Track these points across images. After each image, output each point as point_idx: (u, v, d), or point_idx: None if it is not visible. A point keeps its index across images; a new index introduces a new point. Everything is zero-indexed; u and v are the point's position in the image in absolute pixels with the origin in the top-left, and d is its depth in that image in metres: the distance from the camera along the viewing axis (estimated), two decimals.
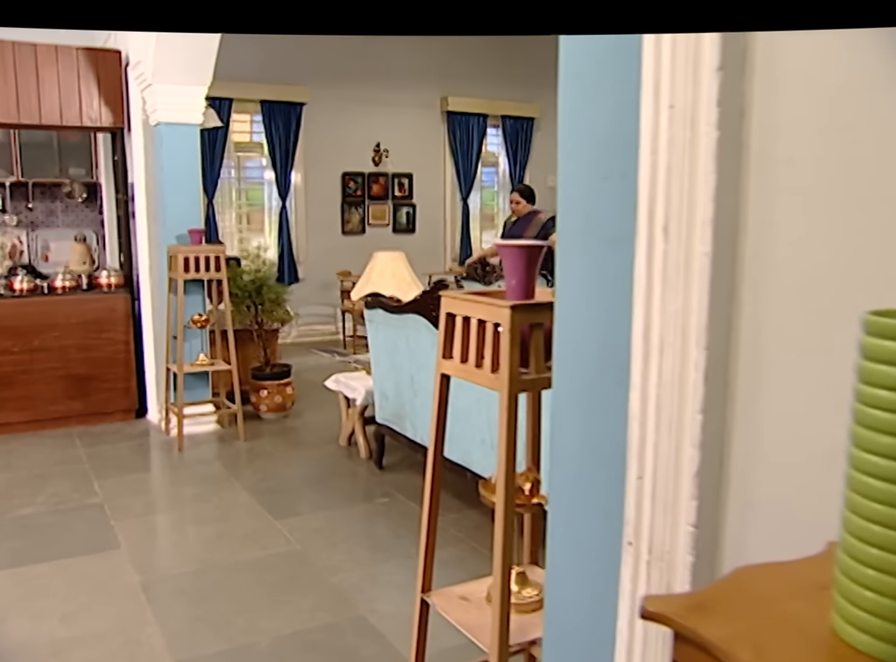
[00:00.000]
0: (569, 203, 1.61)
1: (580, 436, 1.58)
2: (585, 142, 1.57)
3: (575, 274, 1.58)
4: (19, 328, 5.22)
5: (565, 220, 1.61)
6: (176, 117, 4.99)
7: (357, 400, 4.61)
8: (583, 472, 1.57)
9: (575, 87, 1.59)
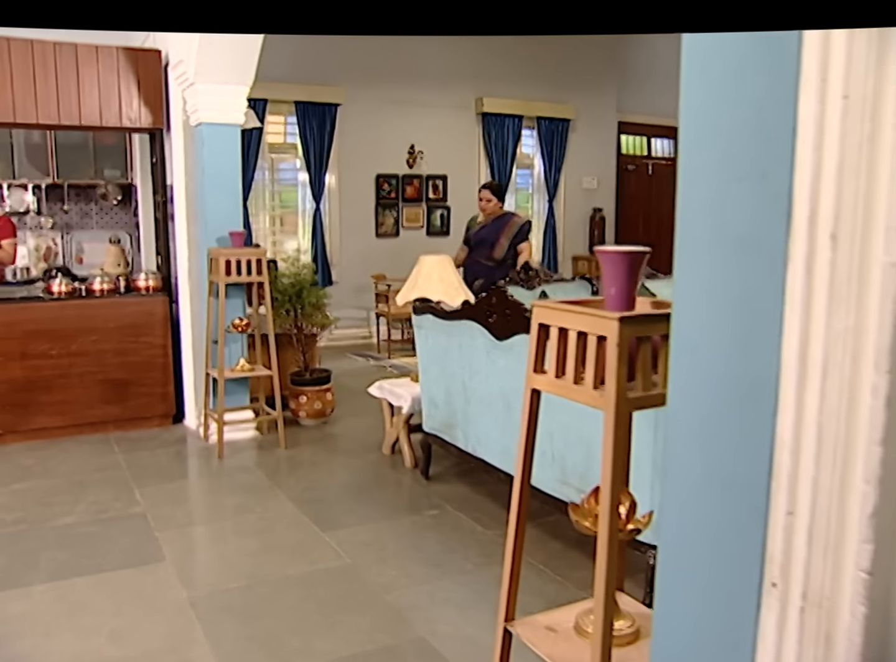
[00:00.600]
0: (692, 205, 1.46)
1: (703, 462, 1.43)
2: (713, 141, 1.42)
3: (699, 283, 1.44)
4: (57, 331, 5.14)
5: (686, 225, 1.46)
6: (218, 117, 4.89)
7: (403, 408, 4.48)
8: (706, 502, 1.42)
9: (701, 81, 1.44)
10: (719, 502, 1.38)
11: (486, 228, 6.03)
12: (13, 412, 5.10)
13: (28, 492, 4.26)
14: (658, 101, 10.38)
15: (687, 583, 1.46)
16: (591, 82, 9.71)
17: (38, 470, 4.63)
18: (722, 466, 1.38)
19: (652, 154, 10.78)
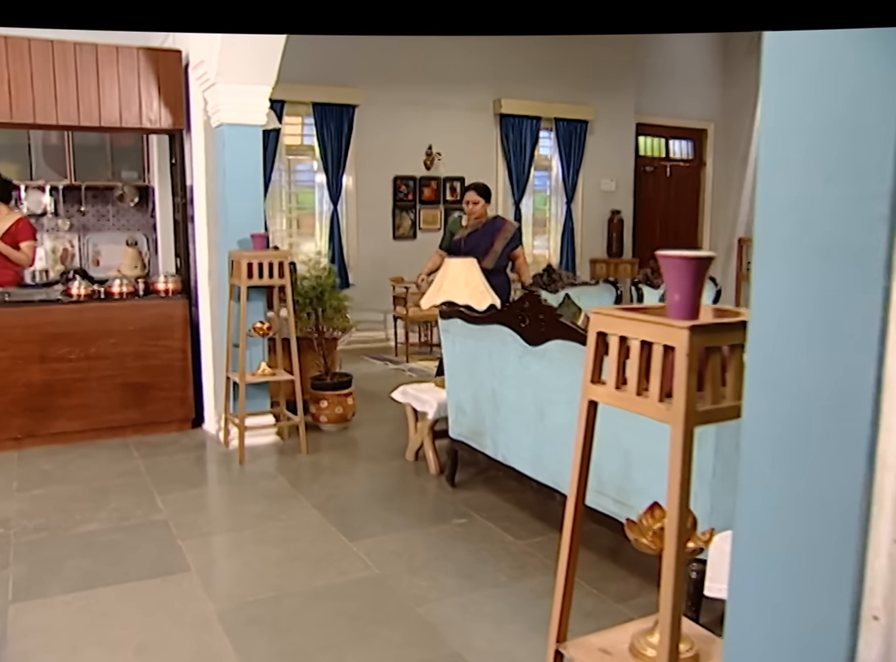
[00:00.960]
0: (773, 208, 1.37)
1: (784, 480, 1.34)
2: (797, 138, 1.33)
3: (780, 290, 1.35)
4: (76, 334, 5.08)
5: (766, 228, 1.37)
6: (239, 118, 4.82)
7: (429, 414, 4.39)
8: (786, 523, 1.33)
9: (785, 76, 1.35)
10: (803, 524, 1.29)
11: (478, 233, 5.46)
12: (32, 416, 5.04)
13: (49, 498, 4.19)
14: (676, 103, 10.30)
15: (765, 612, 1.37)
16: (610, 83, 9.62)
17: (58, 475, 4.57)
18: (806, 486, 1.29)
19: (670, 156, 10.68)
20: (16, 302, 5.03)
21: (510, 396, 3.62)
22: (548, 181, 9.73)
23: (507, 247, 5.46)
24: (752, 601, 1.40)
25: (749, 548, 1.41)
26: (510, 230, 5.53)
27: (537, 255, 9.75)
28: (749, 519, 1.40)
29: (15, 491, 4.30)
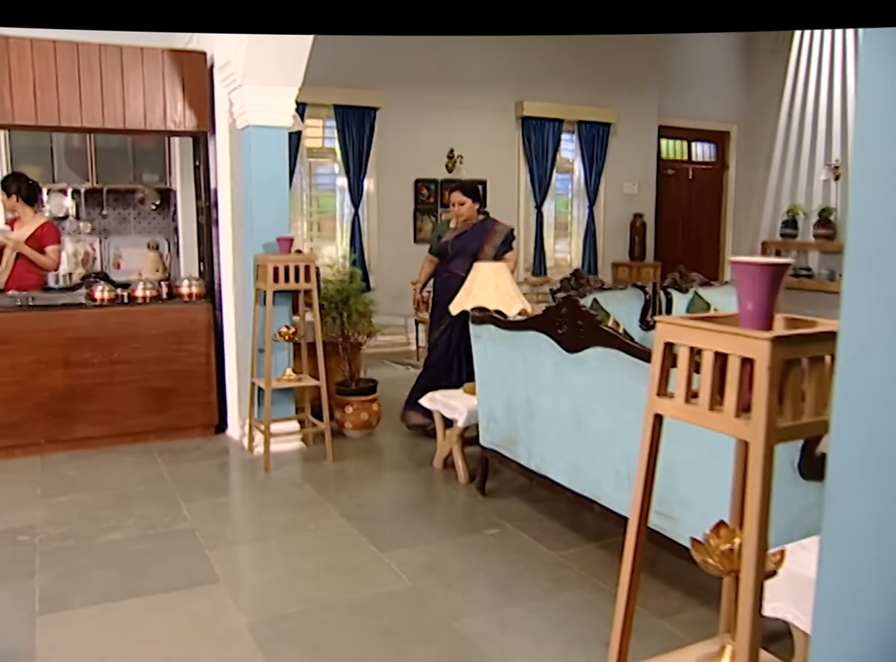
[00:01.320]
0: (867, 214, 1.28)
1: (874, 497, 1.25)
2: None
3: (874, 300, 1.25)
4: (100, 339, 5.02)
5: (860, 235, 1.28)
6: (265, 120, 4.76)
7: (459, 422, 4.31)
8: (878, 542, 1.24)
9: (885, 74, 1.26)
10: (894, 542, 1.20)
11: (466, 236, 5.14)
12: (55, 421, 4.99)
13: (73, 505, 4.13)
14: (699, 104, 10.19)
15: (853, 636, 1.28)
16: (633, 85, 9.51)
17: (82, 481, 4.51)
18: None
19: (692, 158, 10.56)
20: (40, 306, 4.98)
21: (546, 404, 3.53)
22: (570, 184, 9.63)
23: (499, 250, 5.12)
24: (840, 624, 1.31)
25: (837, 568, 1.32)
26: (501, 232, 5.18)
27: (559, 259, 9.65)
28: (837, 537, 1.31)
29: (39, 498, 4.25)
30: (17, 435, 4.92)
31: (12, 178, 5.49)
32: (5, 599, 3.15)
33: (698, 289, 5.94)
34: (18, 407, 4.90)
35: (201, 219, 5.53)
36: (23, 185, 5.45)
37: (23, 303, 4.95)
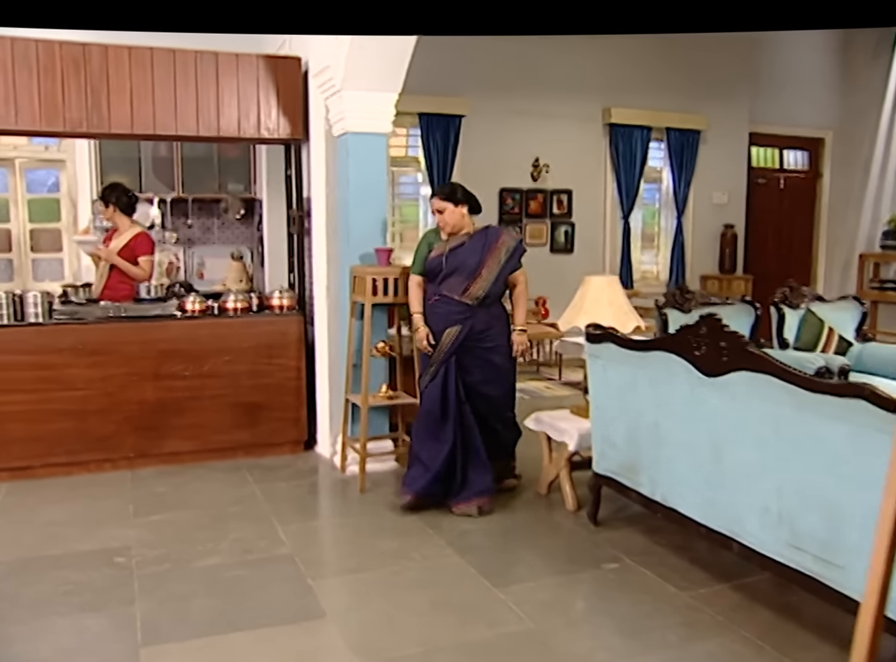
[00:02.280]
0: None
1: None
2: None
3: None
4: (191, 351, 4.90)
5: None
6: (364, 126, 4.58)
7: (569, 445, 4.04)
8: None
9: None
10: None
11: (464, 248, 4.18)
12: (145, 435, 4.88)
13: (167, 525, 3.99)
14: (792, 110, 9.75)
15: None
16: (723, 91, 9.13)
17: (173, 499, 4.37)
18: None
19: (784, 166, 10.11)
20: (132, 317, 4.88)
21: (676, 432, 3.25)
22: (657, 194, 9.29)
23: (505, 267, 4.18)
24: None
25: None
26: (509, 244, 4.22)
27: (645, 271, 9.32)
28: None
29: (132, 516, 4.12)
30: (108, 449, 4.82)
31: (110, 189, 5.43)
32: (107, 628, 3.00)
33: (810, 305, 5.58)
34: (109, 420, 4.80)
35: (293, 228, 5.38)
36: (120, 196, 5.38)
37: (115, 314, 4.85)
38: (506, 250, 4.21)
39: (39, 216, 7.24)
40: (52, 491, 4.49)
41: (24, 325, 4.68)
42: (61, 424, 4.72)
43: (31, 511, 4.21)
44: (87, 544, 3.76)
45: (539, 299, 8.27)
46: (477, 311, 4.13)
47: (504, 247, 4.21)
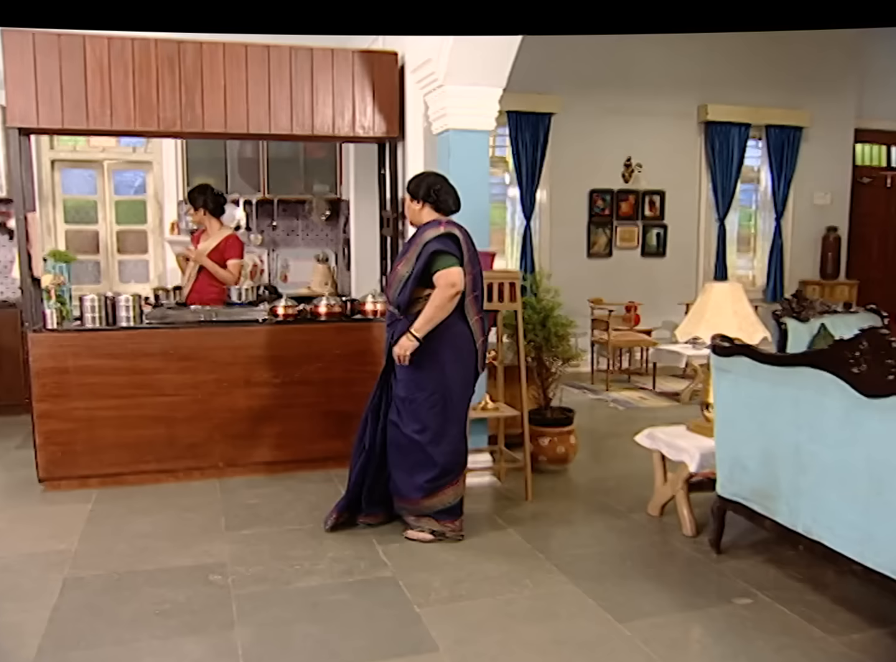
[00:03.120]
0: None
1: None
2: None
3: None
4: (282, 358, 4.73)
5: None
6: (467, 123, 4.36)
7: (691, 466, 3.73)
8: None
9: None
10: None
11: (406, 245, 3.91)
12: (234, 443, 4.74)
13: (261, 541, 3.81)
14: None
15: None
16: (828, 85, 8.64)
17: (266, 512, 4.20)
18: None
19: (892, 164, 9.54)
20: (222, 321, 4.74)
21: (826, 457, 2.92)
22: (754, 195, 8.86)
23: (415, 269, 3.62)
24: None
25: None
26: (423, 241, 3.64)
27: (741, 276, 8.88)
28: None
29: (224, 530, 3.95)
30: (197, 457, 4.69)
31: (199, 190, 5.32)
32: (208, 655, 2.81)
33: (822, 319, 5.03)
34: (199, 427, 4.67)
35: (385, 230, 5.18)
36: (209, 197, 5.27)
37: (206, 319, 4.72)
38: (420, 246, 3.64)
39: (126, 218, 7.23)
40: (142, 500, 4.37)
41: (116, 329, 4.58)
42: (151, 431, 4.60)
43: (122, 520, 4.09)
44: (180, 559, 3.61)
45: (629, 305, 7.95)
46: (399, 321, 3.74)
47: (420, 242, 3.65)
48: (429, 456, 3.71)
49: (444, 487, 3.77)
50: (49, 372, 4.45)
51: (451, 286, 3.54)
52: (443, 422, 3.72)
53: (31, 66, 4.33)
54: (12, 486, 4.64)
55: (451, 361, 3.69)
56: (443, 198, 3.75)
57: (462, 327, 3.69)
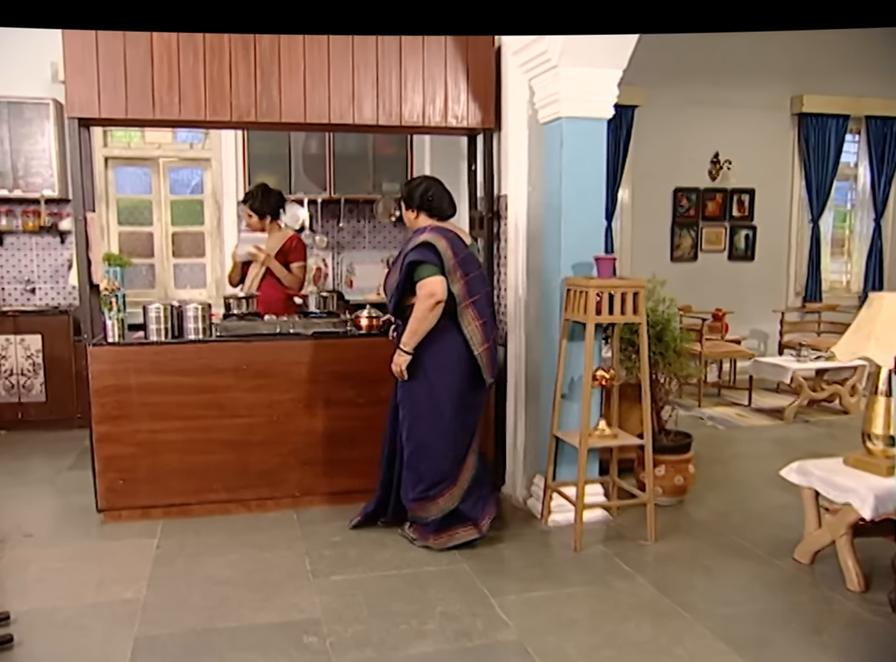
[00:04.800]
0: None
1: None
2: None
3: None
4: (365, 374, 4.22)
5: None
6: (583, 110, 3.82)
7: (863, 511, 3.15)
8: None
9: None
10: None
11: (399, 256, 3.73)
12: (311, 470, 4.25)
13: (355, 590, 3.30)
14: None
15: None
16: None
17: (354, 552, 3.69)
18: None
19: None
20: (300, 334, 4.25)
21: None
22: (849, 193, 8.21)
23: (400, 280, 3.54)
24: None
25: None
26: (408, 247, 3.55)
27: (833, 281, 8.23)
28: None
29: (311, 576, 3.45)
30: (271, 485, 4.21)
31: (260, 195, 4.88)
32: None
33: None
34: (274, 452, 4.19)
35: (476, 232, 4.66)
36: (268, 199, 4.85)
37: (283, 331, 4.23)
38: (402, 256, 3.60)
39: (182, 219, 6.78)
40: (212, 535, 3.89)
41: (184, 342, 4.11)
42: (221, 456, 4.13)
43: (193, 561, 3.60)
44: (266, 614, 3.11)
45: (717, 312, 7.35)
46: (400, 329, 3.68)
47: (403, 252, 3.61)
48: (414, 465, 3.67)
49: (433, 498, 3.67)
50: (110, 391, 3.99)
51: (429, 296, 3.46)
52: (428, 434, 3.63)
53: (92, 51, 3.88)
54: (69, 516, 4.18)
55: (437, 371, 3.60)
56: (436, 204, 3.66)
57: (452, 335, 3.57)
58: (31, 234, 6.22)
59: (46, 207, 6.05)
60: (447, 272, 3.49)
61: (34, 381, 5.84)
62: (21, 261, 6.27)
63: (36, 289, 6.31)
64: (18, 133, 5.85)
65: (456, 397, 3.62)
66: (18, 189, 5.93)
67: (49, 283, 6.32)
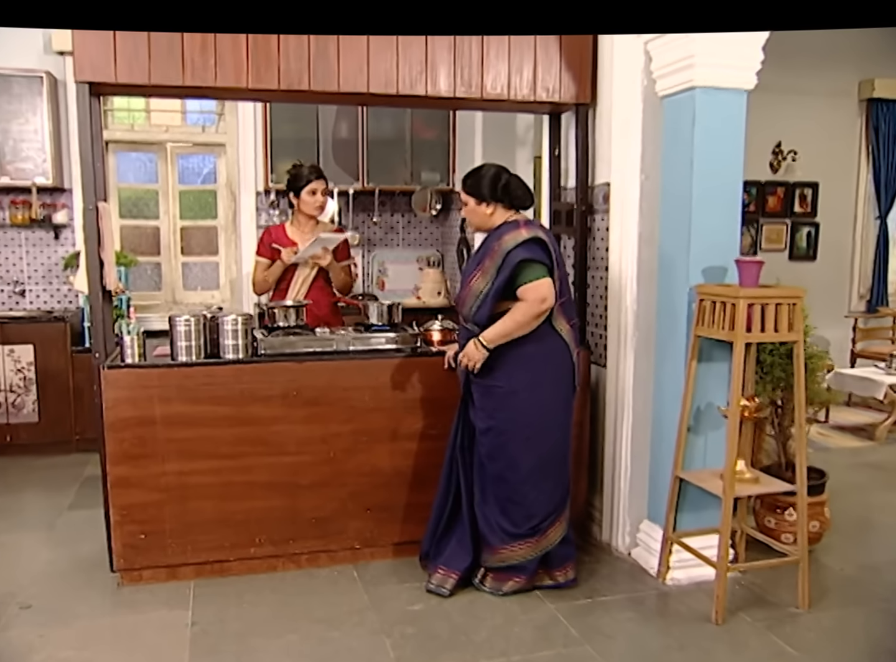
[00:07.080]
0: None
1: None
2: None
3: None
4: (439, 401, 3.49)
5: None
6: (723, 79, 3.14)
7: None
8: None
9: None
10: None
11: (478, 252, 3.23)
12: (375, 517, 3.51)
13: None
14: None
15: None
16: None
17: (441, 628, 2.95)
18: None
19: None
20: (360, 351, 3.50)
21: None
22: None
23: (498, 279, 3.00)
24: None
25: None
26: (506, 246, 2.99)
27: None
28: None
29: (393, 660, 2.71)
30: (327, 537, 3.47)
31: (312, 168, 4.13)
32: None
33: None
34: (329, 496, 3.44)
35: (560, 228, 3.93)
36: None
37: (339, 348, 3.48)
38: (500, 255, 3.01)
39: (191, 212, 6.00)
40: (259, 604, 3.14)
41: (220, 364, 3.34)
42: (264, 502, 3.38)
43: (241, 645, 2.85)
44: None
45: None
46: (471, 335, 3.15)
47: (501, 250, 3.01)
48: (521, 496, 3.13)
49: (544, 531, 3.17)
50: (129, 424, 3.22)
51: (541, 301, 2.98)
52: (545, 456, 3.15)
53: None
54: (76, 576, 3.40)
55: (551, 382, 3.12)
56: (515, 193, 3.12)
57: (555, 339, 3.11)
58: (20, 229, 5.41)
59: (38, 197, 5.23)
60: (552, 273, 3.02)
61: (25, 399, 5.05)
62: (9, 260, 5.46)
63: (26, 292, 5.50)
64: (6, 111, 5.06)
65: (569, 410, 3.23)
66: (6, 176, 5.13)
67: (41, 285, 5.51)
